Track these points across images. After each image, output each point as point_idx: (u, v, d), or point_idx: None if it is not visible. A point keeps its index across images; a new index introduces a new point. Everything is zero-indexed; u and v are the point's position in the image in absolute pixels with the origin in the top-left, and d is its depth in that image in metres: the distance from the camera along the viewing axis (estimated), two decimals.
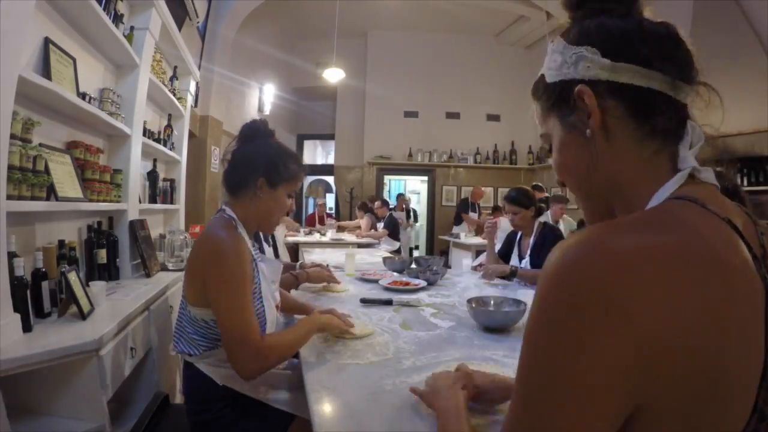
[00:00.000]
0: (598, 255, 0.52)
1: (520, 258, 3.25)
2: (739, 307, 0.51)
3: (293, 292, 2.50)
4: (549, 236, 3.10)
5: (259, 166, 1.69)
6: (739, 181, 5.78)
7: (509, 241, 3.48)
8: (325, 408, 1.20)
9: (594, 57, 0.66)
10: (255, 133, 1.78)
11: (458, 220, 8.80)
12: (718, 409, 0.50)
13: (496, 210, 7.99)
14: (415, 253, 11.05)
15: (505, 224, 6.73)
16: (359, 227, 7.64)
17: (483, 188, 10.03)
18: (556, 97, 0.72)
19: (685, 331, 0.48)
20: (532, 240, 3.16)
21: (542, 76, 0.75)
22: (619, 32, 0.66)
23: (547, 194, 6.90)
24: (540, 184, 7.43)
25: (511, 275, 3.05)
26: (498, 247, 3.51)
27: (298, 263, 2.91)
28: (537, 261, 3.07)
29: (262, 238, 2.71)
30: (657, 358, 0.48)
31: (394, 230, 7.53)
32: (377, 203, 8.05)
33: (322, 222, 8.20)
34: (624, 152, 0.66)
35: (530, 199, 3.18)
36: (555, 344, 0.52)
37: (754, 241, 0.59)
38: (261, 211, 1.71)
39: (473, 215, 8.73)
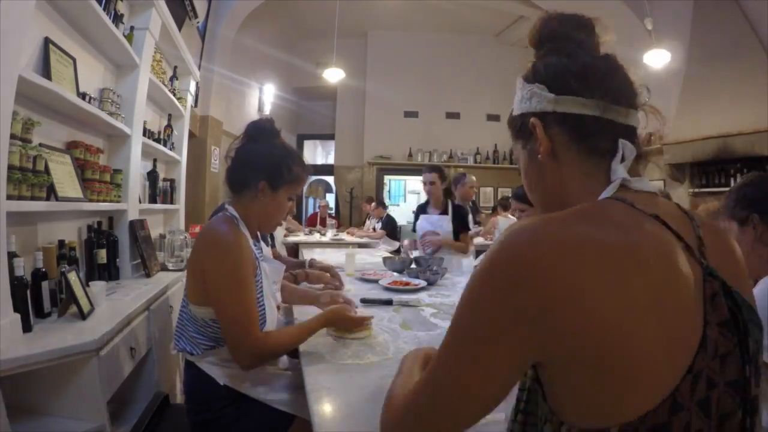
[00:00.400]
0: (531, 237, 0.64)
1: None
2: (649, 285, 0.60)
3: None
4: None
5: (262, 167, 1.68)
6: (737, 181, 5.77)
7: None
8: (325, 408, 1.20)
9: (542, 92, 0.79)
10: (260, 132, 1.76)
11: None
12: (628, 370, 0.59)
13: (495, 210, 7.97)
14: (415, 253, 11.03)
15: (502, 224, 6.75)
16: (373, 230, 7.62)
17: (482, 188, 10.05)
18: (518, 127, 0.85)
19: (584, 300, 0.59)
20: None
21: (512, 110, 0.89)
22: (561, 70, 0.79)
23: None
24: None
25: None
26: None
27: (307, 261, 2.90)
28: None
29: (260, 237, 2.69)
30: (554, 321, 0.60)
31: (392, 230, 7.52)
32: (373, 204, 8.05)
33: (323, 223, 8.18)
34: (569, 171, 0.78)
35: None
36: (473, 304, 0.67)
37: (688, 233, 0.70)
38: (261, 212, 1.71)
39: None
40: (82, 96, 2.39)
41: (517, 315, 0.62)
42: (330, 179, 11.49)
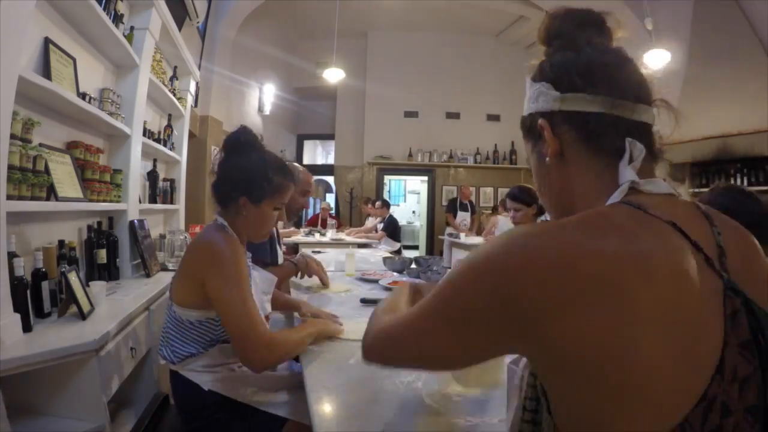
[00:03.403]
0: (522, 244, 0.62)
1: None
2: (656, 301, 0.55)
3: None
4: None
5: (240, 184, 1.66)
6: (738, 181, 5.79)
7: None
8: (325, 408, 1.19)
9: (548, 91, 0.76)
10: (236, 145, 1.74)
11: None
12: (630, 392, 0.54)
13: (495, 210, 7.98)
14: (415, 254, 11.06)
15: (503, 224, 6.76)
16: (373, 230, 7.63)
17: (482, 188, 10.06)
18: (527, 128, 0.83)
19: (574, 312, 0.56)
20: None
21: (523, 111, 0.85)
22: (566, 67, 0.75)
23: None
24: None
25: None
26: None
27: (299, 254, 2.90)
28: None
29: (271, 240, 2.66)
30: (547, 326, 0.58)
31: (394, 231, 7.51)
32: (377, 203, 8.03)
33: (324, 224, 8.17)
34: (577, 173, 0.75)
35: (532, 197, 3.14)
36: (457, 286, 0.67)
37: (708, 242, 0.65)
38: (247, 225, 1.70)
39: (464, 214, 8.69)
40: (82, 96, 2.39)
41: (503, 314, 0.61)
42: (330, 179, 11.50)
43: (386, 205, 7.88)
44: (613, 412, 0.55)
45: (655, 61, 5.74)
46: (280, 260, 2.63)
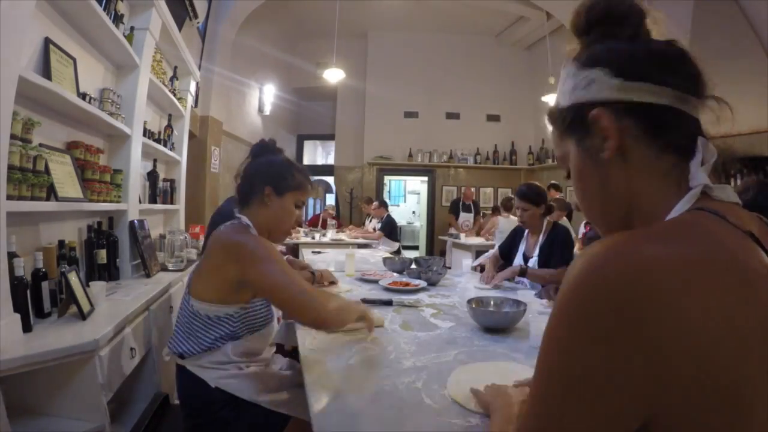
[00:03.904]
0: (623, 262, 0.52)
1: (526, 257, 3.16)
2: (761, 320, 0.50)
3: None
4: (560, 236, 3.02)
5: (266, 175, 1.79)
6: (737, 182, 5.78)
7: (513, 237, 3.39)
8: (324, 408, 1.19)
9: (605, 78, 0.67)
10: (263, 150, 1.90)
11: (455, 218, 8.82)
12: (737, 421, 0.49)
13: (495, 210, 7.98)
14: (415, 254, 11.06)
15: (503, 224, 6.76)
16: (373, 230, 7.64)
17: (482, 188, 10.08)
18: (571, 120, 0.72)
19: (703, 340, 0.48)
20: (541, 239, 3.08)
21: (557, 102, 0.77)
22: (628, 53, 0.68)
23: (562, 195, 6.86)
24: (558, 183, 7.35)
25: (520, 274, 2.96)
26: (496, 247, 3.48)
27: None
28: (546, 261, 2.99)
29: None
30: (669, 366, 0.49)
31: (392, 231, 7.51)
32: (374, 204, 8.04)
33: (324, 225, 8.17)
34: (641, 171, 0.67)
35: (541, 196, 3.09)
36: (569, 348, 0.54)
37: None
38: (270, 218, 1.79)
39: (467, 215, 8.70)
40: (83, 96, 2.39)
41: (627, 359, 0.50)
42: (330, 179, 11.50)
43: (383, 205, 7.89)
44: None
45: None
46: None
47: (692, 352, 0.48)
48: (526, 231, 3.25)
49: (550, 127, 0.79)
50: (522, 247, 3.25)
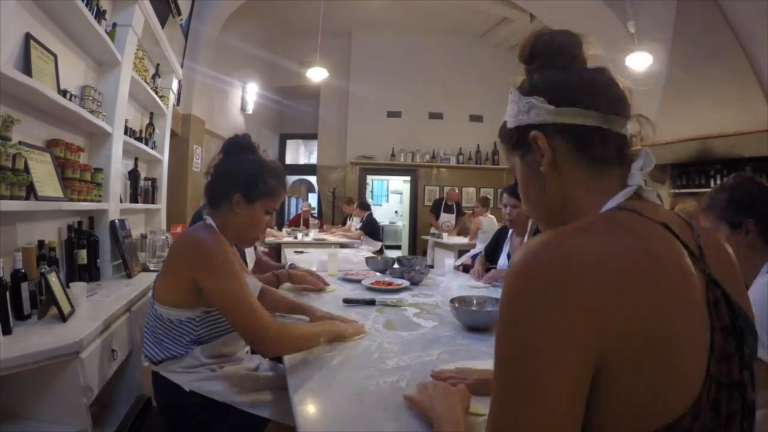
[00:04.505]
0: (557, 252, 0.64)
1: (510, 256, 3.15)
2: (671, 283, 0.64)
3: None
4: None
5: (236, 181, 1.70)
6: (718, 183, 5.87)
7: (497, 238, 3.41)
8: (308, 409, 1.20)
9: (542, 105, 0.80)
10: (236, 148, 1.80)
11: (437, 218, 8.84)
12: (666, 361, 0.61)
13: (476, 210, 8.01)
14: (397, 253, 11.08)
15: (487, 225, 6.80)
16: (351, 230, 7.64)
17: (465, 188, 10.13)
18: (516, 139, 0.86)
19: (630, 302, 0.61)
20: (526, 239, 3.06)
21: (505, 122, 0.90)
22: (560, 83, 0.81)
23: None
24: None
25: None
26: (478, 246, 3.49)
27: (288, 264, 2.90)
28: None
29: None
30: (604, 321, 0.60)
31: (374, 231, 7.52)
32: (354, 205, 8.06)
33: (306, 225, 8.16)
34: (571, 181, 0.80)
35: None
36: (520, 327, 0.64)
37: (690, 242, 0.72)
38: (238, 226, 1.73)
39: (448, 216, 8.73)
40: (63, 93, 2.36)
41: (571, 320, 0.60)
42: (312, 179, 11.48)
43: (364, 207, 7.91)
44: (650, 395, 0.61)
45: (637, 63, 5.83)
46: (250, 265, 2.63)
47: (620, 314, 0.60)
48: (510, 231, 3.25)
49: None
50: (506, 248, 3.25)
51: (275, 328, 1.51)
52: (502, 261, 3.22)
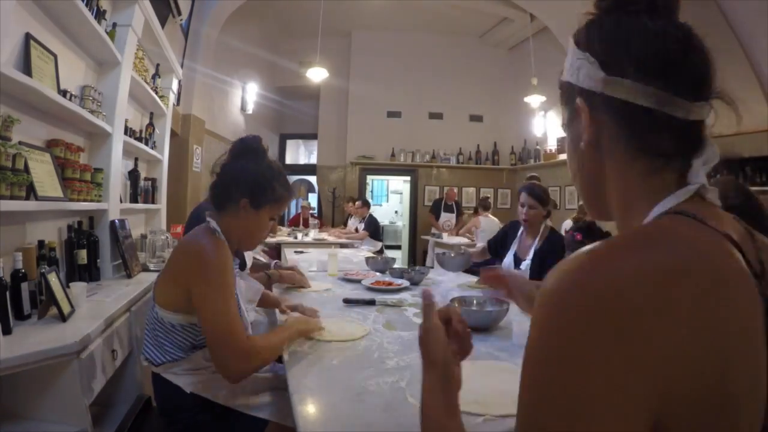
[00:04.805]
0: (602, 275, 0.51)
1: (518, 258, 3.07)
2: (741, 321, 0.51)
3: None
4: (557, 245, 2.92)
5: (245, 186, 1.67)
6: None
7: (505, 233, 3.31)
8: (308, 409, 1.20)
9: (592, 68, 0.65)
10: (246, 150, 1.76)
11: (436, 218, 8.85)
12: (726, 417, 0.49)
13: (477, 210, 8.01)
14: (397, 253, 11.09)
15: (485, 224, 6.80)
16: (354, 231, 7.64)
17: (464, 188, 10.14)
18: (566, 97, 0.72)
19: (695, 350, 0.48)
20: (537, 243, 2.98)
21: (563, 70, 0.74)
22: (618, 42, 0.64)
23: None
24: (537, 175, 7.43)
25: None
26: (479, 245, 3.47)
27: (273, 262, 2.91)
28: (540, 267, 2.85)
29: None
30: (674, 378, 0.47)
31: (375, 231, 7.52)
32: (357, 203, 8.04)
33: (306, 224, 8.15)
34: (614, 168, 0.66)
35: (547, 197, 3.02)
36: (564, 369, 0.50)
37: (753, 257, 0.57)
38: (242, 229, 1.70)
39: (449, 215, 8.73)
40: (63, 93, 2.36)
41: (628, 365, 0.47)
42: (312, 179, 11.47)
43: (366, 204, 7.90)
44: None
45: None
46: (249, 263, 2.64)
47: (682, 358, 0.48)
48: (521, 231, 3.14)
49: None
50: (514, 247, 3.14)
51: (244, 352, 1.46)
52: (508, 260, 3.12)
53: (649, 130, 0.62)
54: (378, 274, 3.11)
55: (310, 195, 12.84)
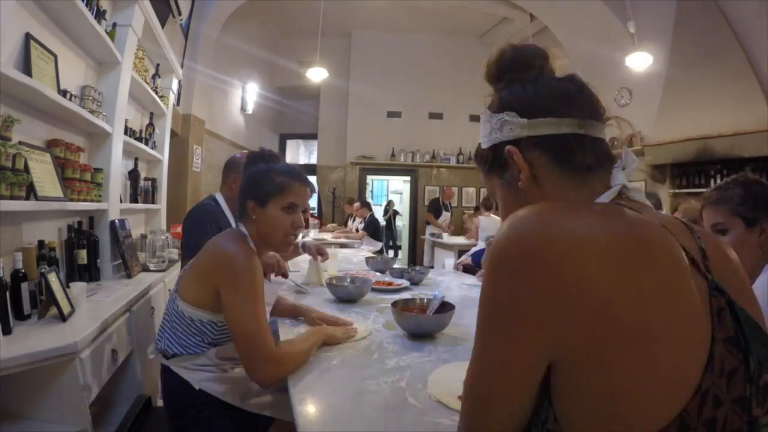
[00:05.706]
0: (540, 227, 0.63)
1: None
2: (662, 287, 0.60)
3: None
4: None
5: (246, 189, 1.71)
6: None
7: None
8: (309, 409, 1.20)
9: (514, 119, 0.79)
10: (255, 160, 1.82)
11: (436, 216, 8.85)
12: (642, 358, 0.58)
13: (477, 210, 8.02)
14: (397, 253, 11.08)
15: (486, 224, 6.80)
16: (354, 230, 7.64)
17: (465, 188, 10.14)
18: (492, 159, 0.85)
19: (602, 291, 0.58)
20: None
21: (479, 146, 0.90)
22: (530, 95, 0.80)
23: None
24: None
25: None
26: (479, 244, 3.47)
27: (300, 243, 2.93)
28: None
29: None
30: (568, 308, 0.59)
31: (375, 231, 7.52)
32: (356, 204, 8.04)
33: (306, 225, 8.16)
34: (555, 191, 0.77)
35: None
36: (494, 297, 0.65)
37: (691, 246, 0.70)
38: (261, 232, 1.69)
39: (447, 215, 8.74)
40: (63, 93, 2.36)
41: (533, 301, 0.60)
42: (313, 179, 11.46)
43: (366, 206, 7.90)
44: (622, 401, 0.58)
45: (637, 63, 5.85)
46: None
47: (591, 300, 0.58)
48: None
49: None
50: None
51: (274, 357, 1.45)
52: None
53: (576, 150, 0.76)
54: (378, 274, 3.11)
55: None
